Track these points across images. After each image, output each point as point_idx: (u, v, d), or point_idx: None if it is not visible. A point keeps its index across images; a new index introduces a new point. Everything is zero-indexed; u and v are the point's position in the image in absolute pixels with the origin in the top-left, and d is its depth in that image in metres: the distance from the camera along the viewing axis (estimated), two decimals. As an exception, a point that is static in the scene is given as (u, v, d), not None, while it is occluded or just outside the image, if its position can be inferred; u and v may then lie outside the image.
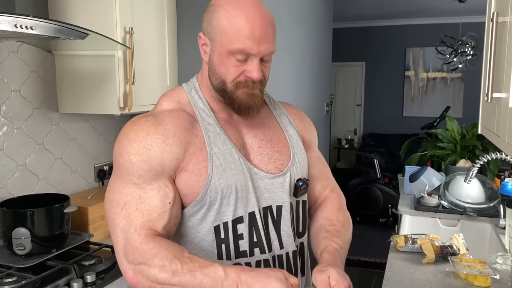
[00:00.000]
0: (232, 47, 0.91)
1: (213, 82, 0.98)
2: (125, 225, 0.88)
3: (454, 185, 2.26)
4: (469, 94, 6.29)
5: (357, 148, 6.74)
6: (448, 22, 6.19)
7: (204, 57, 0.99)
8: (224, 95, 0.97)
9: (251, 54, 0.92)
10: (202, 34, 0.97)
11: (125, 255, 0.88)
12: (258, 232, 0.99)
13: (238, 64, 0.93)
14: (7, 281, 1.37)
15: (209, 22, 0.94)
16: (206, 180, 0.93)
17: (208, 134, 0.96)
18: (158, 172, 0.90)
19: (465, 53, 5.00)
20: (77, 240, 1.67)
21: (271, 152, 1.04)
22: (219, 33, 0.92)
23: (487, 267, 1.45)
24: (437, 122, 4.67)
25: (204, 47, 0.98)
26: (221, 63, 0.94)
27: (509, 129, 0.86)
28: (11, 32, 1.22)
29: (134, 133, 0.91)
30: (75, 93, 1.86)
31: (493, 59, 0.95)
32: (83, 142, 2.09)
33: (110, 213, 0.91)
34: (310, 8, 3.09)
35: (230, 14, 0.91)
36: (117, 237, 0.89)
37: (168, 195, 0.91)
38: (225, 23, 0.91)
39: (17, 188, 1.76)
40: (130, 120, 0.97)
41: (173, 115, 0.95)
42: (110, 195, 0.93)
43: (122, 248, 0.88)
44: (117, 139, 0.95)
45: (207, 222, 0.96)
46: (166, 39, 2.13)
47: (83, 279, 1.43)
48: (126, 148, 0.91)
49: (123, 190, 0.91)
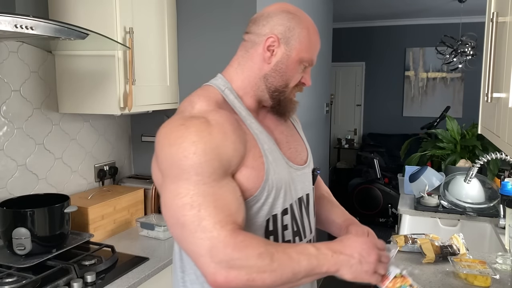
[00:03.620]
0: (306, 55, 1.01)
1: (273, 83, 1.02)
2: (207, 225, 0.83)
3: (454, 185, 2.26)
4: (469, 94, 6.29)
5: (357, 148, 6.73)
6: (448, 22, 6.19)
7: (266, 57, 1.01)
8: (278, 96, 1.03)
9: (311, 65, 1.04)
10: (276, 36, 0.99)
11: (213, 255, 0.82)
12: (297, 221, 1.06)
13: (300, 71, 1.03)
14: (7, 281, 1.37)
15: (290, 28, 1.00)
16: (265, 176, 0.96)
17: (254, 131, 0.99)
18: (225, 169, 0.90)
19: (465, 53, 5.00)
20: (77, 240, 1.67)
21: (295, 146, 1.11)
22: (299, 40, 1.00)
23: (487, 267, 1.45)
24: (437, 122, 4.67)
25: (272, 48, 1.00)
26: (291, 67, 1.01)
27: (509, 129, 0.86)
28: (11, 32, 1.22)
29: (194, 135, 0.88)
30: (75, 93, 1.86)
31: (493, 59, 0.96)
32: (83, 142, 2.09)
33: (185, 219, 0.85)
34: (310, 8, 3.09)
35: (308, 28, 1.02)
36: (199, 240, 0.83)
37: (236, 189, 0.92)
38: (305, 34, 1.01)
39: (17, 188, 1.76)
40: (172, 125, 0.92)
41: (222, 115, 0.94)
42: (179, 201, 0.86)
43: (209, 249, 0.83)
44: (170, 144, 0.90)
45: (260, 216, 0.98)
46: (166, 39, 2.13)
47: (83, 279, 1.43)
48: (190, 150, 0.87)
49: (194, 192, 0.86)
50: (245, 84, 1.03)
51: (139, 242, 1.86)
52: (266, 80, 1.02)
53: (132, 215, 2.05)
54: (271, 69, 1.01)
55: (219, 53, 2.17)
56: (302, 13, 1.03)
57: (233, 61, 1.06)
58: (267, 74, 1.01)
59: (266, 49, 1.00)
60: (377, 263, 0.90)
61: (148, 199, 2.17)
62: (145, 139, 2.39)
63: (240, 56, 1.04)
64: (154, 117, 2.34)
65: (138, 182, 2.20)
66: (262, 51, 1.00)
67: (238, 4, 2.11)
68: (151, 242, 1.86)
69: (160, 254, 1.73)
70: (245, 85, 1.03)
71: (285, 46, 1.00)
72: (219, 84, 1.03)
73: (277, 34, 0.99)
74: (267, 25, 1.00)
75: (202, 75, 2.22)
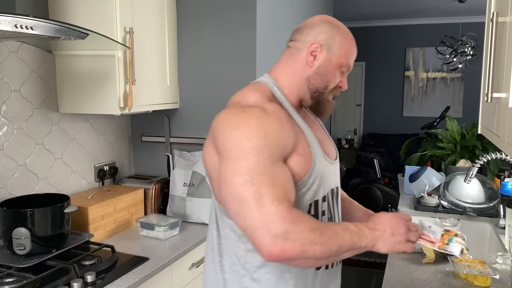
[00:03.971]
0: (345, 61, 1.14)
1: (314, 84, 1.13)
2: (266, 201, 0.92)
3: (454, 185, 2.26)
4: (469, 94, 6.29)
5: (357, 148, 6.73)
6: (448, 22, 6.19)
7: (309, 61, 1.12)
8: (318, 97, 1.15)
9: (348, 71, 1.16)
10: (319, 43, 1.11)
11: (270, 228, 0.90)
12: (330, 210, 1.16)
13: (339, 75, 1.15)
14: (7, 281, 1.37)
15: (331, 36, 1.12)
16: (312, 163, 1.07)
17: (301, 124, 1.10)
18: (281, 154, 1.00)
19: (465, 53, 5.00)
20: (77, 240, 1.67)
21: (328, 142, 1.22)
22: (339, 48, 1.12)
23: (487, 267, 1.46)
24: (437, 122, 4.67)
25: (315, 53, 1.12)
26: (331, 71, 1.13)
27: (509, 129, 0.86)
28: (11, 32, 1.22)
29: (255, 120, 0.99)
30: (75, 93, 1.86)
31: (493, 59, 0.96)
32: (83, 142, 2.09)
33: (245, 194, 0.93)
34: (310, 8, 3.09)
35: (347, 37, 1.14)
36: (258, 214, 0.92)
37: (289, 173, 1.02)
38: (344, 42, 1.13)
39: (17, 188, 1.76)
40: (231, 112, 1.02)
41: (276, 106, 1.05)
42: (240, 178, 0.94)
43: (266, 222, 0.91)
44: (232, 128, 0.98)
45: (305, 200, 1.08)
46: (166, 39, 2.13)
47: (83, 279, 1.43)
48: (253, 133, 0.97)
49: (254, 172, 0.94)
50: (290, 84, 1.14)
51: (139, 242, 1.87)
52: (309, 81, 1.13)
53: (132, 215, 2.05)
54: (313, 72, 1.12)
55: (219, 53, 2.17)
56: (341, 24, 1.16)
57: (278, 64, 1.18)
58: (310, 76, 1.13)
59: (309, 54, 1.11)
60: (408, 232, 1.03)
61: (148, 199, 2.17)
62: (145, 139, 2.39)
63: (285, 60, 1.16)
64: (154, 117, 2.34)
65: (138, 182, 2.20)
66: (306, 55, 1.12)
67: (238, 4, 2.11)
68: (151, 242, 1.86)
69: (160, 254, 1.73)
70: (290, 85, 1.14)
71: (326, 52, 1.11)
72: (268, 82, 1.14)
73: (320, 41, 1.11)
74: (311, 33, 1.12)
75: (202, 75, 2.23)
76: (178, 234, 1.96)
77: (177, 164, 2.19)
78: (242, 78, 2.12)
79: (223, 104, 1.15)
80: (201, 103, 2.23)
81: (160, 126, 2.34)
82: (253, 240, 0.92)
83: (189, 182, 2.12)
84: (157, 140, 2.36)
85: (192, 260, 1.89)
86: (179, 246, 1.82)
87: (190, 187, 2.11)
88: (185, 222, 2.11)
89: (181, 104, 2.27)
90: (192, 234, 1.96)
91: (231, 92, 1.08)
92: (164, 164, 2.34)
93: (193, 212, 2.10)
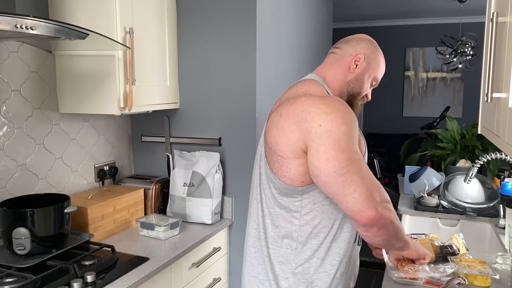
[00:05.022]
0: (377, 76, 1.35)
1: (352, 88, 1.32)
2: (369, 174, 1.10)
3: (454, 185, 2.26)
4: (469, 94, 6.28)
5: (357, 148, 6.72)
6: (448, 22, 6.19)
7: (352, 68, 1.31)
8: (352, 100, 1.33)
9: (376, 85, 1.37)
10: (362, 55, 1.31)
11: (375, 196, 1.07)
12: None
13: (368, 87, 1.36)
14: (7, 281, 1.37)
15: (373, 52, 1.33)
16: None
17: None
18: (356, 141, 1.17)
19: (465, 53, 5.00)
20: (77, 240, 1.67)
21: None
22: (376, 63, 1.34)
23: (487, 267, 1.45)
24: (437, 122, 4.67)
25: (357, 62, 1.31)
26: (366, 81, 1.33)
27: (509, 129, 0.86)
28: (11, 32, 1.22)
29: (342, 108, 1.13)
30: (75, 93, 1.86)
31: (493, 59, 0.95)
32: (83, 142, 2.09)
33: (354, 168, 1.08)
34: (310, 8, 3.09)
35: (382, 56, 1.37)
36: (368, 181, 1.08)
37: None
38: (380, 60, 1.35)
39: (17, 188, 1.76)
40: (315, 98, 1.15)
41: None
42: (346, 155, 1.08)
43: (372, 191, 1.08)
44: (326, 113, 1.10)
45: None
46: (166, 39, 2.13)
47: (83, 279, 1.43)
48: (345, 118, 1.11)
49: (354, 150, 1.10)
50: (334, 84, 1.32)
51: (139, 242, 1.87)
52: (348, 85, 1.32)
53: (132, 215, 2.05)
54: (353, 77, 1.31)
55: (219, 53, 2.17)
56: (377, 45, 1.39)
57: (323, 65, 1.35)
58: (350, 80, 1.31)
59: (353, 62, 1.30)
60: (416, 261, 1.33)
61: (148, 199, 2.17)
62: (145, 139, 2.39)
63: (329, 64, 1.34)
64: (154, 117, 2.34)
65: (138, 182, 2.20)
66: (350, 63, 1.31)
67: (238, 4, 2.11)
68: (151, 242, 1.86)
69: (160, 254, 1.73)
70: (334, 85, 1.32)
71: (366, 64, 1.32)
72: (319, 81, 1.28)
73: (364, 53, 1.32)
74: (357, 45, 1.33)
75: (202, 75, 2.23)
76: (178, 234, 1.96)
77: (177, 164, 2.19)
78: (242, 78, 2.12)
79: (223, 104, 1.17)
80: (201, 103, 2.23)
81: (160, 126, 2.34)
82: (357, 204, 1.06)
83: (189, 182, 2.12)
84: (157, 140, 2.36)
85: (192, 260, 1.89)
86: (179, 246, 1.82)
87: (190, 187, 2.11)
88: (185, 222, 2.12)
89: (181, 104, 2.27)
90: (192, 234, 1.97)
91: (231, 92, 1.08)
92: (164, 164, 2.34)
93: (193, 212, 2.10)
